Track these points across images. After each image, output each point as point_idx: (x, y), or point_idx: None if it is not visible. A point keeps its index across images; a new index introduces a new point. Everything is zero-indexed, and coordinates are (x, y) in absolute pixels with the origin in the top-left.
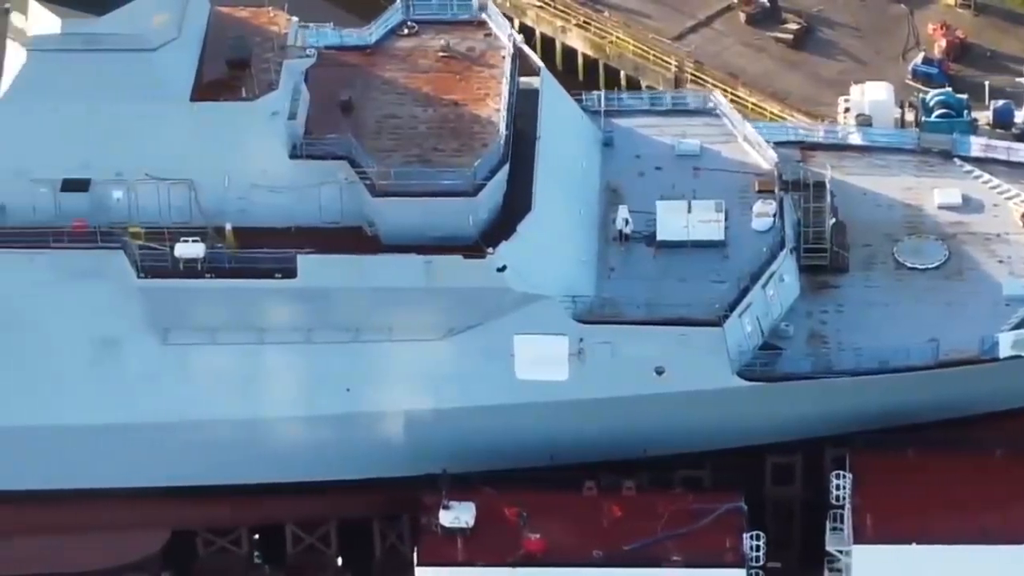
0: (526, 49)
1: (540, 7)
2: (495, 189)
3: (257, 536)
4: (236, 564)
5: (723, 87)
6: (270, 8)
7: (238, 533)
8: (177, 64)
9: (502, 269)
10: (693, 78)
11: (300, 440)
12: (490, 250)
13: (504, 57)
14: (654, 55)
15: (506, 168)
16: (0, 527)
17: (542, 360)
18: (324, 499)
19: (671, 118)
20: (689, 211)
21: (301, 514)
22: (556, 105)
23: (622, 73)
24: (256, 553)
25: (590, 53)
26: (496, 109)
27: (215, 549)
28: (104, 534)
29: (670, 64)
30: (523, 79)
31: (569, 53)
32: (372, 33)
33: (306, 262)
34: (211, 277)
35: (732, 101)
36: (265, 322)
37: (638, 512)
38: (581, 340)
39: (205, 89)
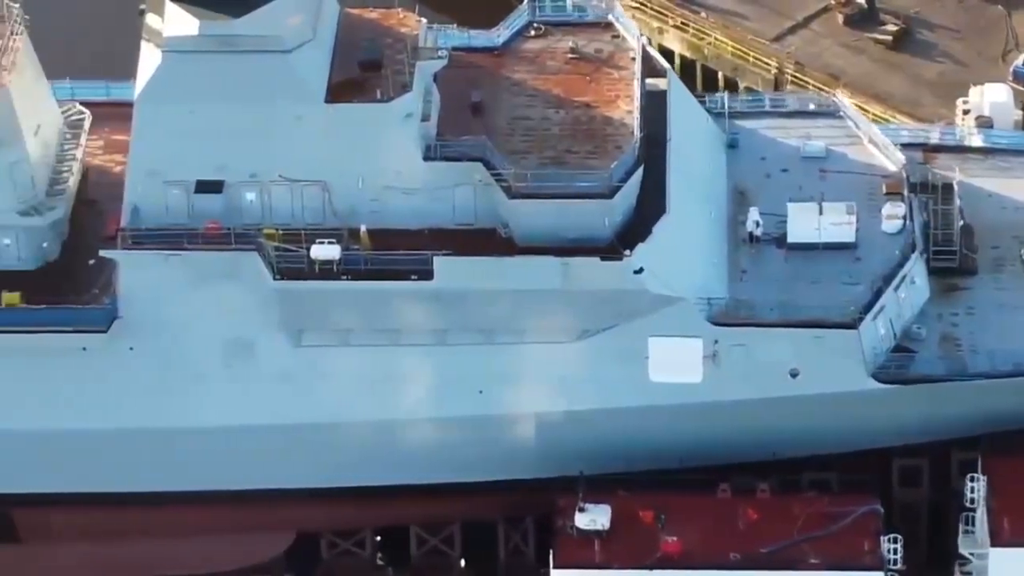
0: (652, 51)
1: (637, 8)
2: (630, 191)
3: (379, 538)
4: (359, 566)
5: (824, 88)
6: (400, 9)
7: (363, 535)
8: (312, 65)
9: (639, 271)
10: (793, 79)
11: (431, 442)
12: (627, 252)
13: (633, 59)
14: (753, 56)
15: (640, 170)
16: (128, 529)
17: (676, 362)
18: (450, 501)
19: (794, 120)
20: (820, 213)
21: (426, 516)
22: (683, 107)
23: (720, 74)
24: (379, 555)
25: (688, 54)
26: (628, 111)
27: (339, 551)
28: (230, 536)
29: (770, 65)
30: (649, 80)
31: (666, 54)
32: (499, 35)
33: (443, 264)
34: (347, 279)
35: None
36: (399, 324)
37: (773, 514)
38: (716, 342)
39: (338, 90)
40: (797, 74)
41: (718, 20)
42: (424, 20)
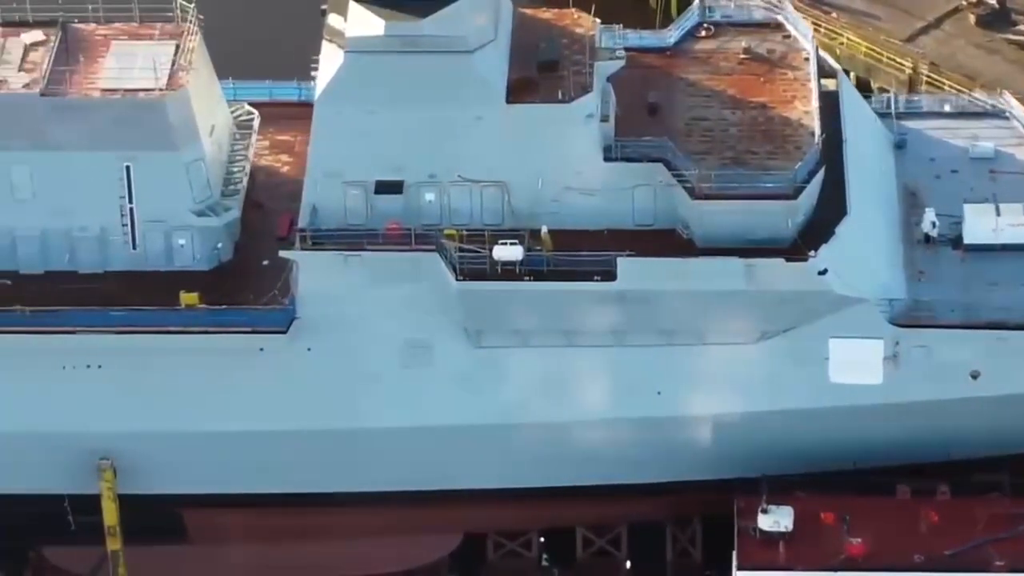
0: (821, 52)
1: (768, 9)
2: (813, 192)
3: (543, 539)
4: (525, 567)
5: (960, 89)
6: (574, 9)
7: (529, 536)
8: (493, 66)
9: (823, 272)
10: (928, 80)
11: (607, 443)
12: (812, 253)
13: (806, 59)
14: (887, 57)
15: (822, 171)
16: (297, 530)
17: (857, 364)
18: (618, 502)
19: (959, 120)
20: (998, 214)
21: (594, 517)
22: (855, 107)
23: (852, 75)
24: (544, 556)
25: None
26: (806, 111)
27: (505, 552)
28: (398, 537)
29: (904, 66)
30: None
31: None
32: (670, 35)
33: (627, 265)
34: (529, 280)
35: None
36: (578, 325)
37: (955, 516)
38: (897, 344)
39: (516, 91)
40: (932, 75)
41: (849, 21)
42: (599, 20)
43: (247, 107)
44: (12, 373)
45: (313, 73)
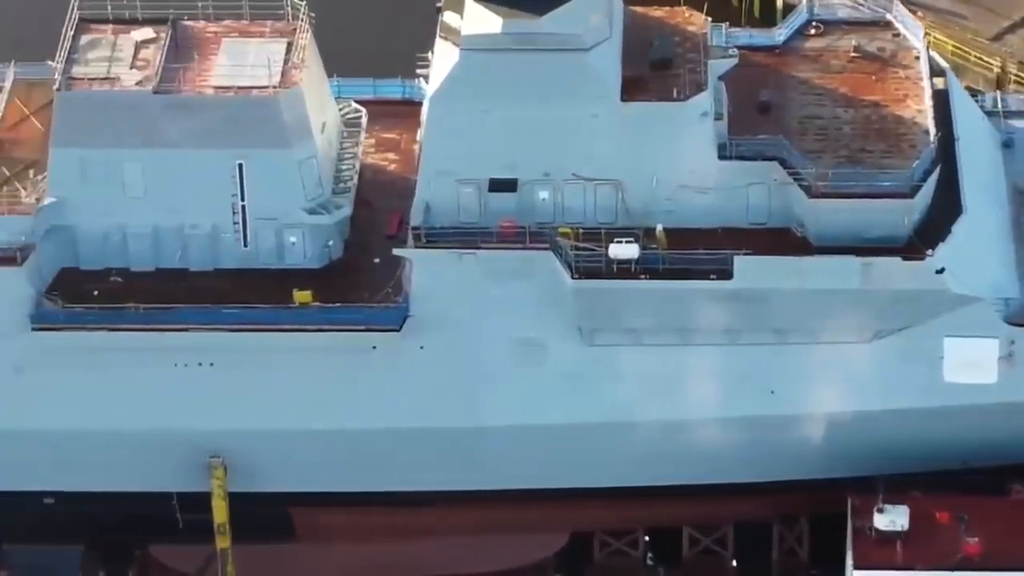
0: (930, 50)
1: (851, 8)
2: (928, 191)
3: (647, 538)
4: (631, 566)
5: None
6: (685, 8)
7: (635, 535)
8: (608, 64)
9: (940, 271)
10: (1016, 79)
11: (718, 442)
12: (929, 252)
13: (916, 57)
14: (975, 56)
15: (938, 170)
16: (404, 529)
17: (972, 363)
18: (725, 501)
19: None
20: None
21: (701, 516)
22: (964, 106)
23: None
24: (649, 555)
25: None
26: (919, 110)
27: (611, 551)
28: (505, 536)
29: (992, 64)
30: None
31: None
32: (780, 33)
33: (743, 263)
34: (645, 278)
35: None
36: (692, 323)
37: None
38: (1012, 343)
39: (629, 89)
40: (1021, 74)
41: (935, 20)
42: (710, 19)
43: (354, 105)
44: (124, 371)
45: (419, 71)
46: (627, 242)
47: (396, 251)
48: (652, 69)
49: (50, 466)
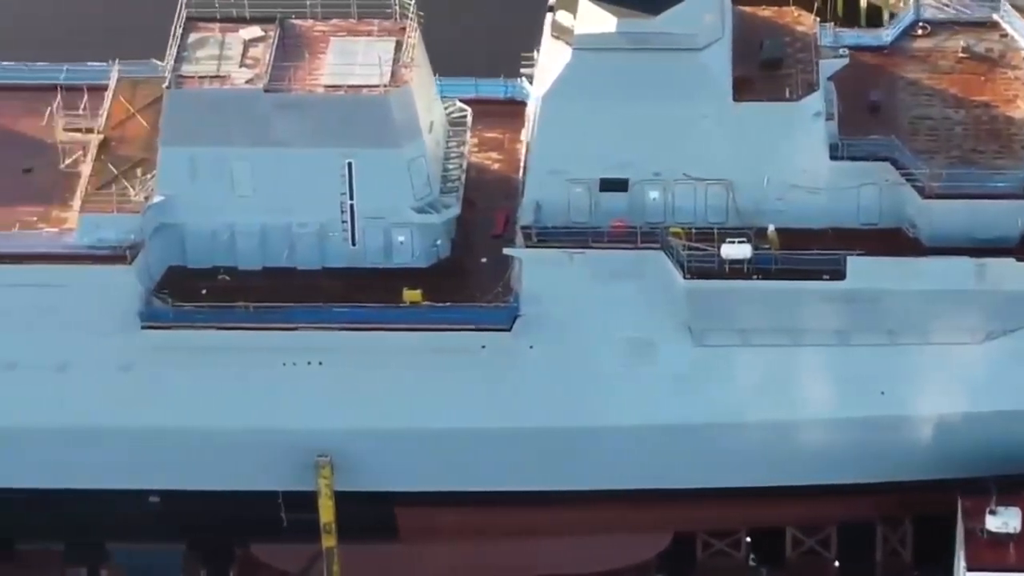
0: None
1: (936, 9)
2: None
3: (749, 539)
4: (733, 567)
5: None
6: (794, 8)
7: (738, 536)
8: (720, 64)
9: None
10: None
11: (826, 443)
12: None
13: None
14: None
15: None
16: (507, 528)
17: None
18: (829, 501)
19: None
20: None
21: (805, 517)
22: None
23: None
24: (751, 556)
25: None
26: None
27: (713, 551)
28: (609, 536)
29: None
30: None
31: None
32: (887, 34)
33: (857, 264)
34: (758, 278)
35: None
36: (803, 324)
37: None
38: None
39: (741, 89)
40: None
41: None
42: (818, 19)
43: (459, 104)
44: (233, 370)
45: (522, 70)
46: (740, 242)
47: (506, 250)
48: (762, 69)
49: (156, 464)
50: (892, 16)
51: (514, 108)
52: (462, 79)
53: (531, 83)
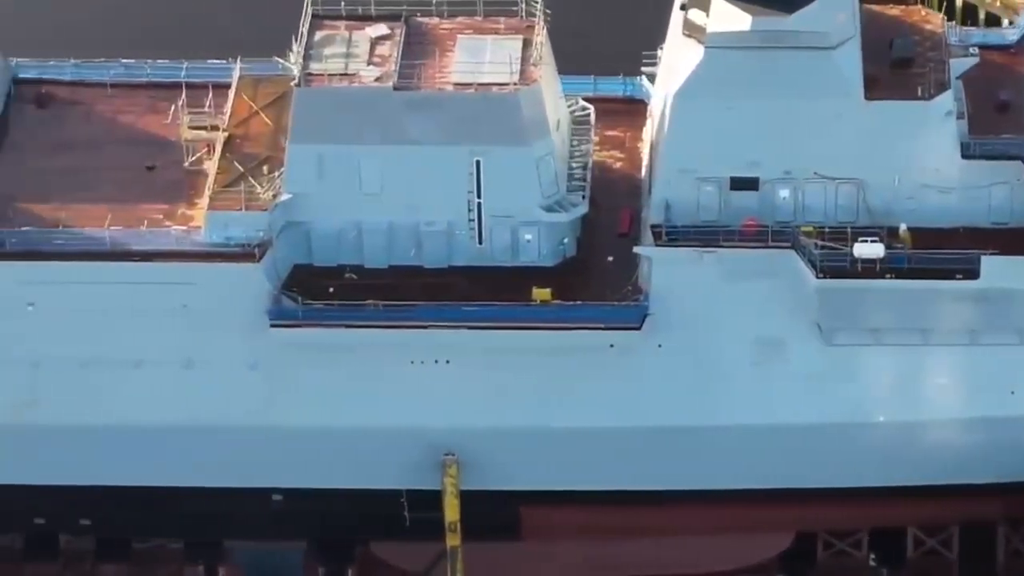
0: None
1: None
2: None
3: (867, 539)
4: (854, 566)
5: None
6: (922, 7)
7: (859, 535)
8: (852, 63)
9: None
10: None
11: (955, 443)
12: None
13: None
14: None
15: None
16: (628, 528)
17: None
18: (951, 501)
19: None
20: None
21: (927, 517)
22: None
23: None
24: (872, 555)
25: None
26: None
27: (834, 551)
28: (731, 536)
29: None
30: None
31: None
32: (1013, 32)
33: (991, 263)
34: (890, 277)
35: None
36: (933, 323)
37: None
38: None
39: (871, 87)
40: None
41: None
42: (946, 17)
43: (582, 102)
44: (361, 368)
45: (643, 68)
46: (872, 241)
47: (636, 249)
48: (893, 68)
49: (280, 463)
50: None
51: (633, 106)
52: (581, 77)
53: (651, 81)
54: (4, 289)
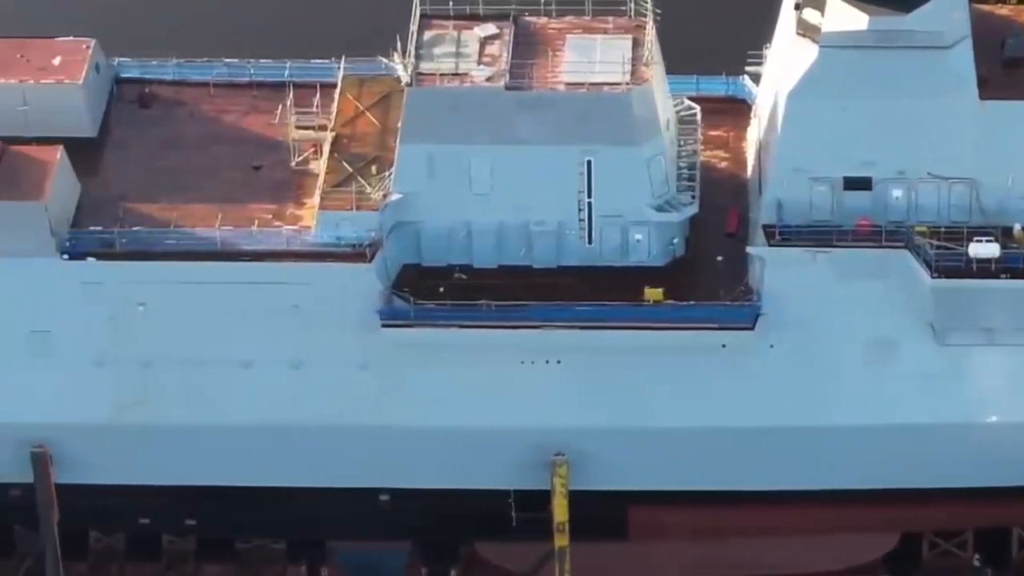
0: None
1: None
2: None
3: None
4: (958, 567)
5: None
6: None
7: (964, 536)
8: (966, 62)
9: None
10: None
11: None
12: None
13: None
14: None
15: None
16: (736, 529)
17: None
18: None
19: None
20: None
21: None
22: None
23: None
24: (976, 556)
25: None
26: None
27: (939, 552)
28: (836, 536)
29: None
30: None
31: None
32: None
33: None
34: (1006, 277)
35: None
36: None
37: None
38: None
39: (983, 87)
40: None
41: None
42: None
43: (687, 102)
44: (471, 368)
45: (747, 68)
46: (988, 241)
47: (749, 249)
48: (1004, 68)
49: (389, 463)
50: None
51: (734, 106)
52: (683, 77)
53: (755, 81)
54: (115, 289)
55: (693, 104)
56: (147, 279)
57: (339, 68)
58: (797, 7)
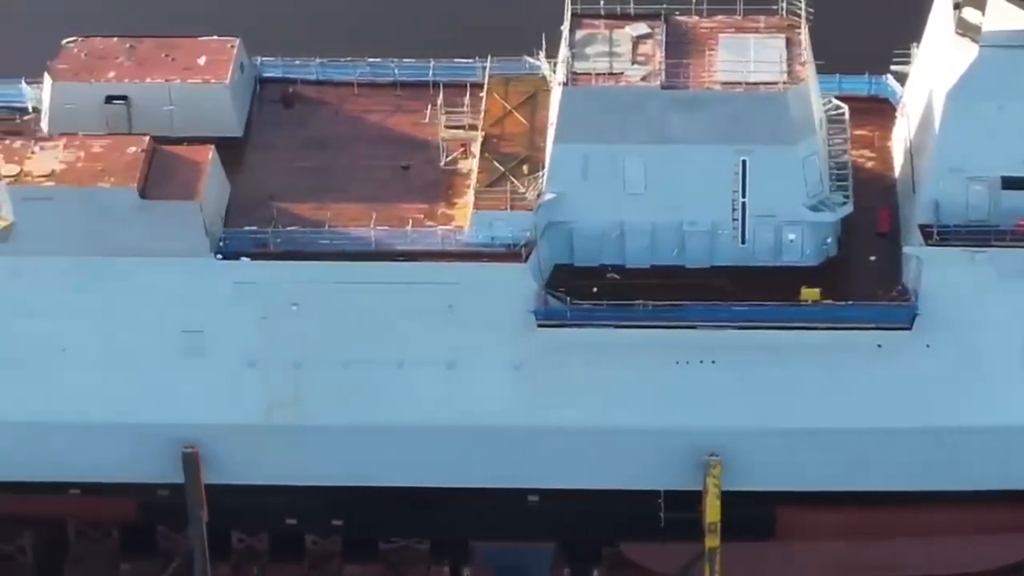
0: None
1: None
2: None
3: None
4: None
5: None
6: None
7: None
8: None
9: None
10: None
11: None
12: None
13: None
14: None
15: None
16: (883, 529)
17: None
18: None
19: None
20: None
21: None
22: None
23: None
24: None
25: None
26: None
27: None
28: (983, 537)
29: None
30: None
31: None
32: None
33: None
34: None
35: None
36: None
37: None
38: None
39: None
40: None
41: None
42: None
43: (835, 101)
44: (625, 369)
45: (893, 67)
46: None
47: (907, 249)
48: None
49: (540, 463)
50: None
51: (877, 105)
52: (826, 76)
53: (899, 80)
54: (268, 289)
55: (841, 103)
56: (301, 279)
57: (484, 67)
58: (956, 6)
